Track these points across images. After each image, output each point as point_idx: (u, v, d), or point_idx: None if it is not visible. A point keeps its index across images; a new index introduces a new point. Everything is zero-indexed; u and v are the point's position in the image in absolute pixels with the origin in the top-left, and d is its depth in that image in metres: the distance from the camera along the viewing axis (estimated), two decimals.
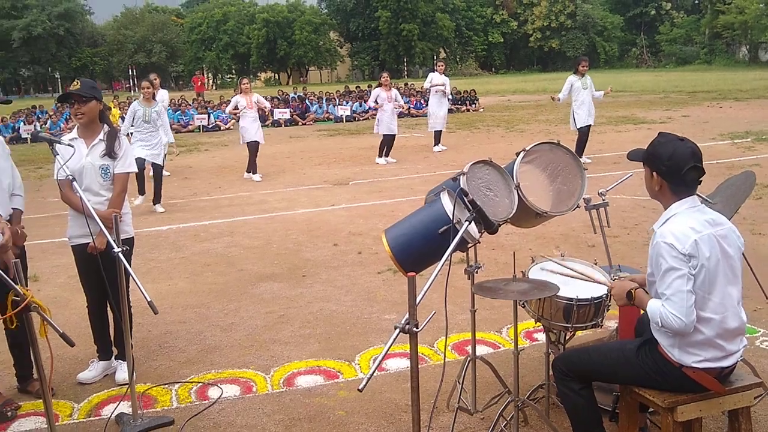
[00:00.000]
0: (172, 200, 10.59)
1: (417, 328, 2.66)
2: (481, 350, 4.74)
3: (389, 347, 2.64)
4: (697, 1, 79.62)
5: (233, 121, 23.61)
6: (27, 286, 3.08)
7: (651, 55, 75.01)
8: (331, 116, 25.06)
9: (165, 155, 10.86)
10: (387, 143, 13.92)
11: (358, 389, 2.50)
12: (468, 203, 3.07)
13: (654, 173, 2.91)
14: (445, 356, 3.92)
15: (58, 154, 3.95)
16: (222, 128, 22.86)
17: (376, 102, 13.83)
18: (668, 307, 2.73)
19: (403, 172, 12.51)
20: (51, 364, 3.02)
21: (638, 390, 2.97)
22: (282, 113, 23.81)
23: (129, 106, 11.14)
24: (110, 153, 4.41)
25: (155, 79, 11.46)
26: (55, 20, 64.52)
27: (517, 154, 3.76)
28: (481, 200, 3.41)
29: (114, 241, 3.63)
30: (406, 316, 2.69)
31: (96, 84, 4.65)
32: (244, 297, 6.06)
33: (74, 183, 3.77)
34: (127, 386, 4.25)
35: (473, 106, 26.68)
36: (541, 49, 76.22)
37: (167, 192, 10.76)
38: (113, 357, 4.68)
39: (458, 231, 3.05)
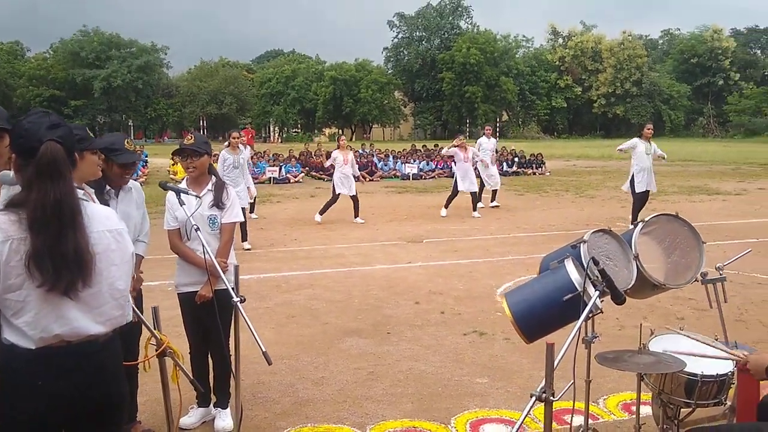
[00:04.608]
0: (252, 250, 10.80)
1: (554, 396, 2.64)
2: (578, 420, 4.64)
3: (526, 415, 2.63)
4: (766, 73, 78.65)
5: (302, 174, 24.33)
6: (161, 331, 3.19)
7: (718, 125, 74.01)
8: (398, 173, 25.35)
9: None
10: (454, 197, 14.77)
11: None
12: (598, 272, 3.06)
13: None
14: (571, 426, 3.83)
15: (184, 204, 4.10)
16: (291, 181, 23.34)
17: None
18: None
19: (476, 233, 12.51)
20: (180, 409, 3.09)
21: None
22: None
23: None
24: (218, 204, 4.57)
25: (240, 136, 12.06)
26: (135, 72, 67.56)
27: (635, 225, 3.75)
28: None
29: (233, 289, 3.72)
30: (542, 383, 2.68)
31: (207, 139, 4.85)
32: (331, 351, 6.10)
33: (199, 232, 3.90)
34: None
35: (540, 169, 26.65)
36: (605, 115, 76.12)
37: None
38: (211, 404, 4.76)
39: (584, 299, 3.04)
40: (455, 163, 14.87)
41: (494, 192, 16.34)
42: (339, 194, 13.60)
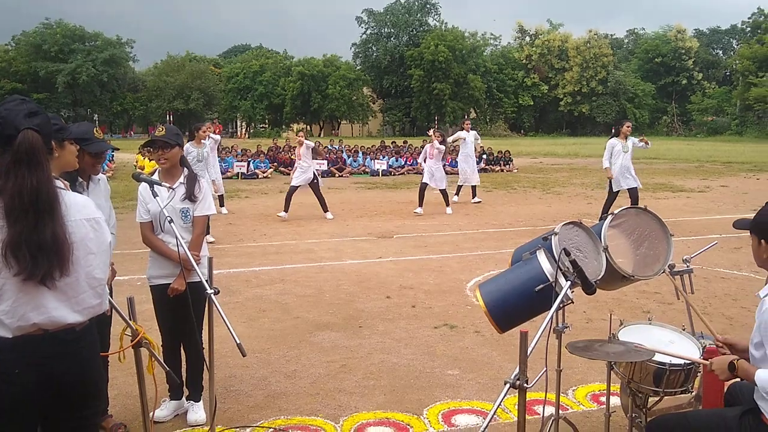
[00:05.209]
0: (220, 245, 10.74)
1: (527, 384, 2.70)
2: (548, 410, 4.72)
3: (499, 403, 2.68)
4: (728, 73, 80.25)
5: (271, 170, 24.20)
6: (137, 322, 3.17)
7: (682, 123, 75.29)
8: (367, 169, 25.36)
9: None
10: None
11: None
12: (569, 263, 3.12)
13: (762, 241, 2.95)
14: (543, 415, 3.89)
15: (157, 196, 4.08)
16: (260, 176, 23.21)
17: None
18: None
19: (446, 228, 12.58)
20: (155, 400, 3.08)
21: None
22: (320, 164, 24.16)
23: None
24: (190, 196, 4.55)
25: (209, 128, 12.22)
26: (100, 66, 66.30)
27: (604, 218, 3.83)
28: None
29: (207, 281, 3.71)
30: (516, 371, 2.73)
31: (179, 131, 4.82)
32: (303, 345, 6.11)
33: (172, 225, 3.87)
34: (199, 428, 4.32)
35: (507, 166, 26.88)
36: (571, 113, 76.91)
37: (214, 236, 11.12)
38: (184, 397, 4.74)
39: (555, 290, 3.10)
40: (425, 160, 14.94)
41: (473, 188, 16.51)
42: (295, 186, 13.63)
